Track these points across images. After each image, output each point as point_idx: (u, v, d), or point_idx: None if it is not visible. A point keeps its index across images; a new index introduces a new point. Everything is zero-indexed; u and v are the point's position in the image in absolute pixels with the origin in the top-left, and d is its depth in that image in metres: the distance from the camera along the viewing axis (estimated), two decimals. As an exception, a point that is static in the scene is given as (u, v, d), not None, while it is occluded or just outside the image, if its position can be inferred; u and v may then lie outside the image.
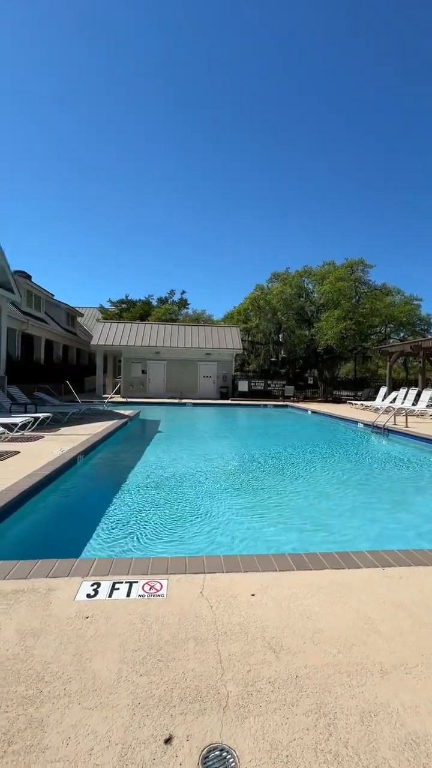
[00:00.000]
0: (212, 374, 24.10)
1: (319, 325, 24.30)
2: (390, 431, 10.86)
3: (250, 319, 29.69)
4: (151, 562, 2.80)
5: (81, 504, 5.37)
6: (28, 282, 20.98)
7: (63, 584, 2.48)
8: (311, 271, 27.56)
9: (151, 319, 33.18)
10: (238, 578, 2.63)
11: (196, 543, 3.95)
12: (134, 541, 3.92)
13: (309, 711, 1.59)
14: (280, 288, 26.24)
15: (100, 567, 2.69)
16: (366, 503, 5.58)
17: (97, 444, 7.83)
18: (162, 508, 4.96)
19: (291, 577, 2.68)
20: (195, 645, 1.96)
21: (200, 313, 42.55)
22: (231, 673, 1.78)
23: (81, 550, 3.61)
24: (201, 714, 1.56)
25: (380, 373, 31.57)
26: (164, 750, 1.40)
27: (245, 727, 1.50)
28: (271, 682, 1.74)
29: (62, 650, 1.90)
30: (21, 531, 4.04)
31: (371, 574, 2.75)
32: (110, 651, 1.90)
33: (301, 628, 2.13)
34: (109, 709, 1.57)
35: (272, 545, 3.93)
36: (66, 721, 1.51)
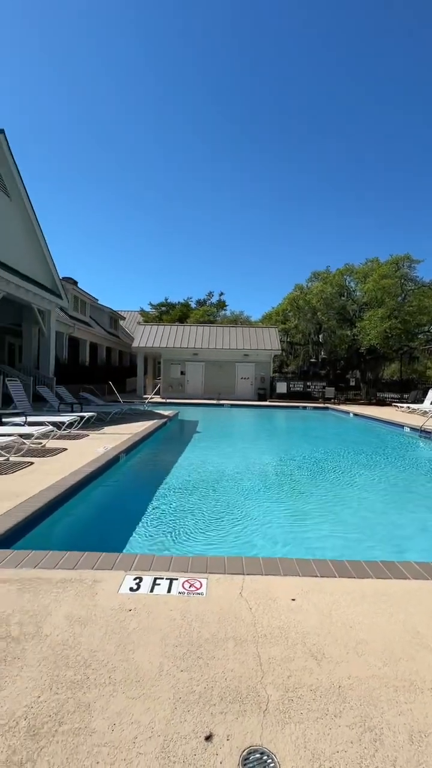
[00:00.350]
0: (250, 375, 23.99)
1: (361, 324, 23.40)
2: (440, 436, 10.22)
3: (288, 319, 29.23)
4: (190, 560, 2.84)
5: (122, 500, 5.56)
6: (74, 288, 22.10)
7: (107, 576, 2.58)
8: (353, 268, 26.62)
9: (189, 321, 33.70)
10: (277, 581, 2.60)
11: (233, 543, 3.95)
12: (173, 539, 4.00)
13: (353, 723, 1.54)
14: (320, 287, 25.59)
15: (141, 562, 2.77)
16: (412, 511, 5.29)
17: (138, 443, 8.07)
18: (200, 507, 5.01)
19: (333, 583, 2.60)
20: (234, 645, 1.96)
21: (238, 315, 42.54)
22: (271, 676, 1.77)
23: (123, 545, 3.73)
24: (241, 715, 1.56)
25: (429, 375, 29.79)
26: (205, 747, 1.42)
27: (286, 733, 1.48)
28: (312, 689, 1.70)
29: (107, 640, 1.98)
30: (68, 524, 4.26)
31: (420, 585, 2.61)
32: (152, 644, 1.95)
33: (344, 637, 2.06)
34: (152, 701, 1.61)
35: (311, 550, 3.84)
36: (111, 708, 1.57)
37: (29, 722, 1.49)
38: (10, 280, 12.71)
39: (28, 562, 2.74)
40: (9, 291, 12.94)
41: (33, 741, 1.42)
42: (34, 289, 14.17)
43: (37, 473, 5.13)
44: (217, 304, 40.89)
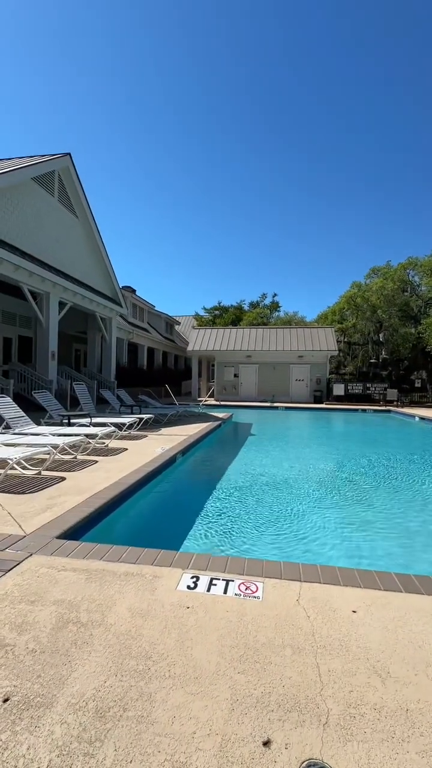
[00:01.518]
0: (305, 377, 23.37)
1: (427, 321, 21.73)
2: None
3: (346, 318, 28.04)
4: (246, 562, 2.84)
5: (179, 499, 5.72)
6: (133, 296, 23.25)
7: (166, 573, 2.67)
8: (417, 261, 24.84)
9: (243, 324, 33.73)
10: (336, 591, 2.50)
11: (287, 548, 3.87)
12: (227, 539, 4.02)
13: (423, 751, 1.43)
14: (380, 283, 24.21)
15: (198, 561, 2.83)
16: None
17: (193, 444, 8.25)
18: (254, 510, 4.99)
19: (398, 598, 2.44)
20: (292, 653, 1.93)
21: (292, 315, 41.72)
22: (331, 689, 1.70)
23: (179, 543, 3.84)
24: (299, 725, 1.52)
25: None
26: (263, 752, 1.41)
27: (348, 751, 1.42)
28: (376, 709, 1.61)
29: (167, 634, 2.05)
30: (129, 520, 4.48)
31: None
32: (209, 643, 1.98)
33: (412, 657, 1.92)
34: (209, 699, 1.63)
35: (373, 561, 3.63)
36: (171, 701, 1.62)
37: (97, 704, 1.59)
38: (78, 292, 13.76)
39: (94, 554, 2.93)
40: (76, 302, 14.01)
41: (101, 722, 1.51)
42: (98, 299, 15.18)
43: (101, 471, 5.47)
44: (271, 305, 40.48)
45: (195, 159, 61.38)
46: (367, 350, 27.56)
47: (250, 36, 41.64)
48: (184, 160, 61.55)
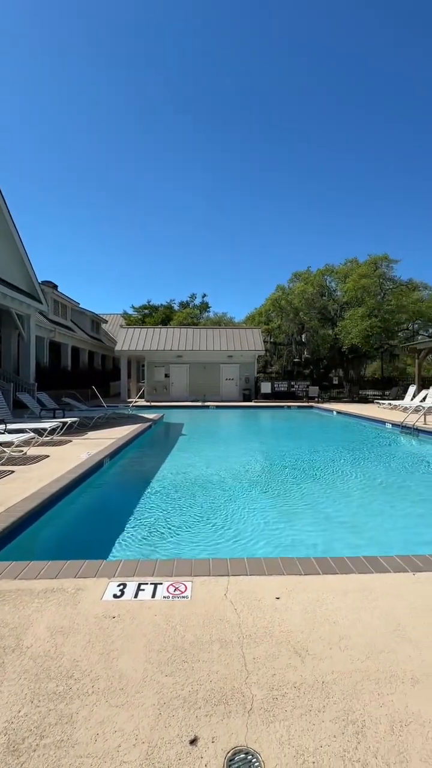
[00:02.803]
0: (234, 376, 24.07)
1: (343, 323, 23.82)
2: (420, 431, 10.48)
3: (271, 320, 29.48)
4: (175, 563, 2.83)
5: (107, 506, 5.49)
6: (54, 291, 21.73)
7: (90, 584, 2.55)
8: (333, 269, 27.08)
9: (173, 324, 33.58)
10: (262, 581, 2.61)
11: (219, 545, 3.95)
12: (158, 543, 3.97)
13: (336, 718, 1.56)
14: (301, 287, 25.92)
15: (125, 568, 2.75)
16: (395, 506, 5.41)
17: (122, 447, 7.99)
18: (186, 510, 5.00)
19: (317, 580, 2.63)
20: (220, 647, 1.97)
21: (221, 316, 42.64)
22: (256, 676, 1.77)
23: (107, 552, 3.69)
24: (226, 716, 1.56)
25: (409, 372, 30.51)
26: (189, 751, 1.41)
27: (271, 732, 1.49)
28: (296, 686, 1.72)
29: (90, 649, 1.95)
30: (50, 532, 4.18)
31: (401, 579, 2.67)
32: (136, 651, 1.93)
33: (328, 633, 2.09)
34: (136, 708, 1.59)
35: (297, 548, 3.88)
36: (94, 718, 1.54)
37: (9, 738, 1.45)
38: (-13, 285, 12.41)
39: (8, 573, 2.67)
40: (-14, 296, 12.63)
41: (13, 757, 1.38)
42: (12, 293, 13.86)
43: (17, 482, 5.02)
44: (201, 305, 40.90)
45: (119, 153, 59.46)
46: (291, 350, 29.32)
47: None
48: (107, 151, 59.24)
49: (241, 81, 47.50)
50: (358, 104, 49.34)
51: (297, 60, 43.93)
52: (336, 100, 48.55)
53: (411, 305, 23.67)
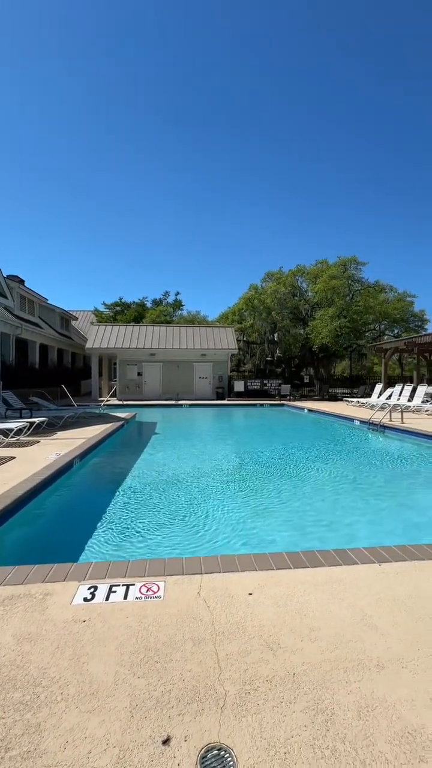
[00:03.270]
0: (208, 375, 24.08)
1: (313, 323, 24.39)
2: (386, 428, 10.91)
3: (245, 319, 29.72)
4: (148, 564, 2.80)
5: (78, 508, 5.35)
6: (21, 287, 20.89)
7: (59, 589, 2.47)
8: (304, 269, 27.66)
9: (145, 321, 33.14)
10: (235, 578, 2.63)
11: (194, 544, 3.95)
12: (131, 544, 3.91)
13: (306, 708, 1.60)
14: (274, 287, 26.30)
15: (96, 570, 2.69)
16: (363, 500, 5.61)
17: (93, 447, 7.81)
18: (159, 510, 4.95)
19: (288, 575, 2.69)
20: (193, 646, 1.96)
21: (195, 314, 42.50)
22: (228, 672, 1.79)
23: (78, 554, 3.60)
24: (199, 714, 1.56)
25: (376, 371, 31.71)
26: (162, 751, 1.40)
27: (243, 726, 1.51)
28: (268, 680, 1.74)
29: (59, 654, 1.89)
30: (17, 536, 4.02)
31: (368, 570, 2.77)
32: (107, 654, 1.90)
33: (299, 626, 2.14)
34: (107, 712, 1.57)
35: (270, 544, 3.94)
36: (63, 726, 1.50)
37: (-28, 753, 1.39)
38: None
39: (-30, 581, 2.55)
40: None
41: (-24, 772, 1.32)
42: (-25, 288, 13.21)
43: (-19, 485, 4.79)
44: (174, 303, 40.58)
45: (94, 146, 57.91)
46: (264, 349, 29.70)
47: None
48: (79, 146, 57.53)
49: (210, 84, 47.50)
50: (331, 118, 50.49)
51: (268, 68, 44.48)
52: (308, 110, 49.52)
53: (377, 306, 24.63)
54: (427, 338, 16.48)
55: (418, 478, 6.85)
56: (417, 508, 5.28)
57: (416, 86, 44.42)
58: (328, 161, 56.89)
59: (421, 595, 2.45)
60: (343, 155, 56.18)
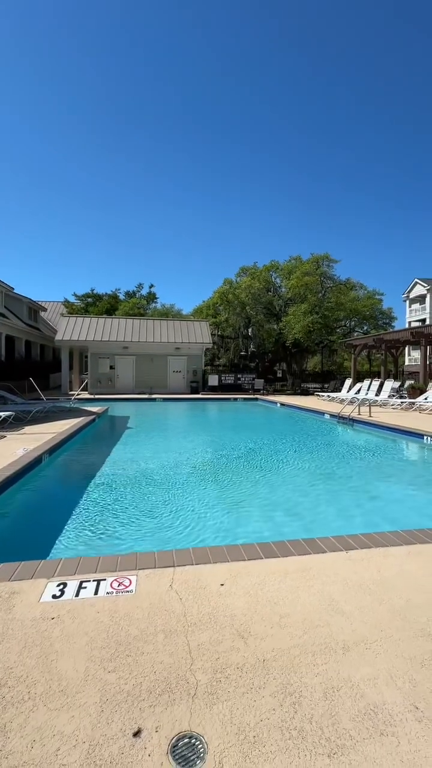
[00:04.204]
0: (182, 369, 23.96)
1: (287, 319, 24.73)
2: (355, 421, 11.29)
3: (219, 313, 29.71)
4: (119, 559, 2.77)
5: (47, 504, 5.21)
6: (-15, 274, 19.86)
7: (27, 587, 2.40)
8: (278, 265, 27.93)
9: (118, 314, 32.46)
10: (207, 569, 2.66)
11: (166, 537, 3.95)
12: (102, 539, 3.86)
13: (275, 692, 1.64)
14: (248, 282, 26.41)
15: (66, 567, 2.63)
16: (331, 490, 5.79)
17: (63, 442, 7.60)
18: (131, 505, 4.91)
19: (259, 565, 2.74)
20: (164, 638, 1.97)
21: (169, 308, 42.04)
22: (200, 662, 1.81)
23: (48, 551, 3.51)
24: (170, 704, 1.57)
25: (346, 366, 32.66)
26: (133, 743, 1.40)
27: (213, 713, 1.53)
28: (239, 667, 1.78)
29: (26, 653, 1.84)
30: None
31: (335, 557, 2.87)
32: (77, 650, 1.87)
33: (269, 614, 2.19)
34: (76, 709, 1.54)
35: (242, 535, 4.00)
36: (30, 725, 1.47)
37: None
38: None
39: None
40: None
41: None
42: None
43: None
44: (147, 296, 39.92)
45: (68, 135, 55.55)
46: (238, 343, 29.89)
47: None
48: (49, 134, 55.05)
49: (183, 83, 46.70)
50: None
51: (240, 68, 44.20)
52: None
53: (348, 303, 25.26)
54: (394, 335, 17.14)
55: (383, 468, 7.14)
56: (381, 497, 5.51)
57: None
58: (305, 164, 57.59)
59: (384, 579, 2.57)
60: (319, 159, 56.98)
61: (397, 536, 3.24)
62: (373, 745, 1.40)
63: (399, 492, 5.79)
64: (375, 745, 1.41)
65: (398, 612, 2.21)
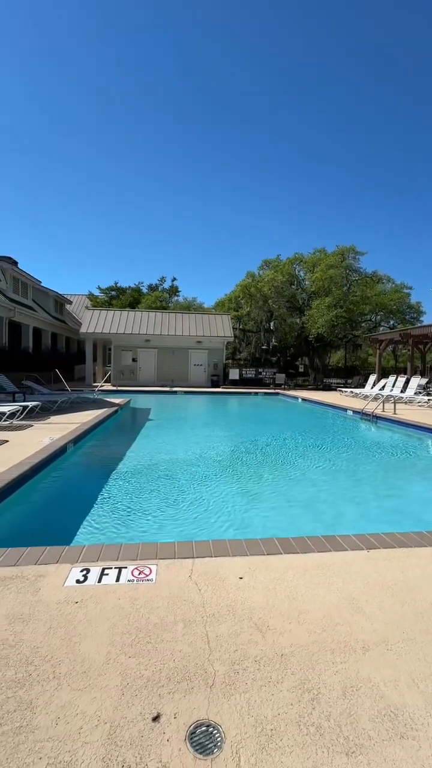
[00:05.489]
0: (203, 362, 24.03)
1: (310, 313, 24.29)
2: (378, 418, 11.02)
3: (241, 306, 29.49)
4: (140, 547, 2.83)
5: (71, 491, 5.37)
6: (14, 268, 20.48)
7: (52, 571, 2.49)
8: (302, 258, 27.38)
9: (141, 307, 32.78)
10: (226, 562, 2.67)
11: (186, 528, 4.00)
12: (124, 528, 3.95)
13: (293, 687, 1.64)
14: (271, 275, 26.04)
15: (89, 553, 2.71)
16: (354, 488, 5.69)
17: (87, 432, 7.80)
18: (152, 495, 4.99)
19: (278, 560, 2.73)
20: (183, 627, 2.00)
21: (191, 301, 42.12)
22: (218, 653, 1.83)
23: (72, 538, 3.62)
24: (188, 692, 1.60)
25: (370, 361, 31.83)
26: (152, 727, 1.44)
27: (231, 704, 1.55)
28: (257, 660, 1.79)
29: (51, 635, 1.92)
30: (11, 519, 4.03)
31: (356, 556, 2.82)
32: (99, 634, 1.93)
33: (287, 609, 2.18)
34: (98, 690, 1.60)
35: (261, 529, 3.99)
36: (55, 703, 1.53)
37: (-36, 728, 1.41)
38: None
39: (-37, 562, 2.56)
40: None
41: (-32, 746, 1.35)
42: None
43: (-27, 468, 4.77)
44: (170, 289, 40.08)
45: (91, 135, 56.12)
46: (260, 337, 29.61)
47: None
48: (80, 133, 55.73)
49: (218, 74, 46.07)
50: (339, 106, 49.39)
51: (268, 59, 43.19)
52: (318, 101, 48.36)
53: (374, 297, 24.55)
54: (423, 330, 16.54)
55: (407, 467, 6.95)
56: (404, 497, 5.37)
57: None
58: (331, 154, 56.01)
59: (407, 580, 2.51)
60: (345, 150, 55.27)
61: (422, 537, 3.15)
62: (392, 747, 1.38)
63: (424, 492, 5.63)
64: (395, 747, 1.38)
65: (422, 614, 2.16)
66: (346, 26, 37.99)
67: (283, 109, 50.96)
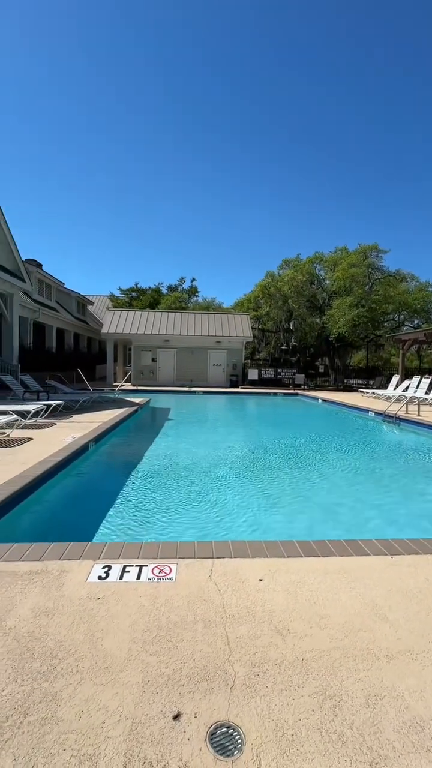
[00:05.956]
0: (222, 362, 24.04)
1: (330, 312, 23.90)
2: (401, 420, 10.73)
3: (260, 306, 29.36)
4: (160, 546, 2.85)
5: (92, 489, 5.48)
6: (39, 270, 21.09)
7: (75, 566, 2.55)
8: (323, 257, 26.98)
9: (160, 307, 33.12)
10: (246, 563, 2.66)
11: (205, 528, 4.01)
12: (144, 526, 4.00)
13: (315, 693, 1.62)
14: (291, 275, 25.77)
15: (110, 550, 2.76)
16: (376, 492, 5.56)
17: (108, 431, 7.94)
18: (172, 494, 5.03)
19: (298, 563, 2.70)
20: (203, 627, 2.01)
21: (210, 301, 42.25)
22: (238, 654, 1.82)
23: (93, 534, 3.69)
24: (209, 693, 1.60)
25: (393, 362, 31.04)
26: (173, 725, 1.45)
27: (251, 707, 1.54)
28: (277, 664, 1.77)
29: (75, 629, 1.96)
30: (35, 515, 4.15)
31: (379, 561, 2.76)
32: (121, 631, 1.96)
33: (308, 613, 2.15)
34: (120, 686, 1.62)
35: (281, 531, 3.96)
36: (78, 696, 1.56)
37: (-7, 716, 1.46)
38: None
39: (-9, 555, 2.65)
40: (-34, 272, 12.16)
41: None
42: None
43: (0, 464, 4.94)
44: (189, 290, 40.33)
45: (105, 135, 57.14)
46: (279, 337, 29.40)
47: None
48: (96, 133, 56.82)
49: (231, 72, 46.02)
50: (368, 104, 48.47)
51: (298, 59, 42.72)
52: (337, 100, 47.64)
53: (398, 296, 23.91)
54: (449, 330, 15.99)
55: (431, 470, 6.74)
56: (429, 501, 5.20)
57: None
58: (351, 151, 54.94)
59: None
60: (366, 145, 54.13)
61: (448, 544, 3.04)
62: (419, 761, 1.34)
63: (450, 497, 5.44)
64: (421, 761, 1.34)
65: (448, 624, 2.09)
66: (375, 17, 37.03)
67: (304, 107, 50.37)
